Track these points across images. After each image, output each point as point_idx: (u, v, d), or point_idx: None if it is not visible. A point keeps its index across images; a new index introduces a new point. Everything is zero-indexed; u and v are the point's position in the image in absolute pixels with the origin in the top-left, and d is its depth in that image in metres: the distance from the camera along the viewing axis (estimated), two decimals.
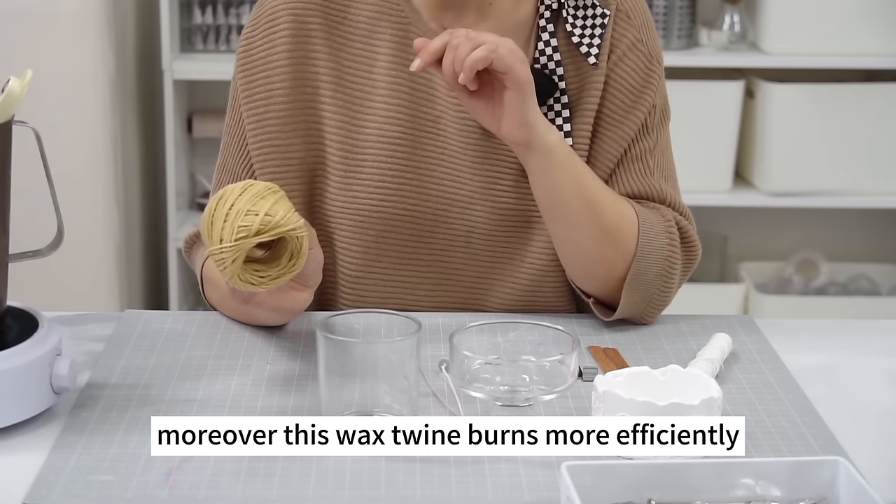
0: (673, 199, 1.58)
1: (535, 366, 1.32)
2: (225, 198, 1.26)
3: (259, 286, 1.28)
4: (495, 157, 1.54)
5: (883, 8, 3.08)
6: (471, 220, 1.55)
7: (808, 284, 3.39)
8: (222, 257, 1.24)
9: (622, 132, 1.56)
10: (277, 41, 1.53)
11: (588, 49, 1.54)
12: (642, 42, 1.57)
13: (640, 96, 1.56)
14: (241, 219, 1.24)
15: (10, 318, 1.30)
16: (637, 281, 1.50)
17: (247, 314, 1.50)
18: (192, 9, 3.28)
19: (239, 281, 1.27)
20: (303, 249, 1.28)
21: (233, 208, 1.25)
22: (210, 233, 1.26)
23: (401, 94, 1.54)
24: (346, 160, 1.54)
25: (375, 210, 1.54)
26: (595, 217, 1.49)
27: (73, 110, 2.96)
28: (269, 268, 1.28)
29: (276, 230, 1.25)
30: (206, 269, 1.56)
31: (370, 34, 1.55)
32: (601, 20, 1.54)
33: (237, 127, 1.58)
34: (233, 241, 1.24)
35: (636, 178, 1.57)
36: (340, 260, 1.57)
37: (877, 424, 1.33)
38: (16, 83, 1.22)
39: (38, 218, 1.59)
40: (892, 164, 3.18)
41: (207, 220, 1.26)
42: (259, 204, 1.25)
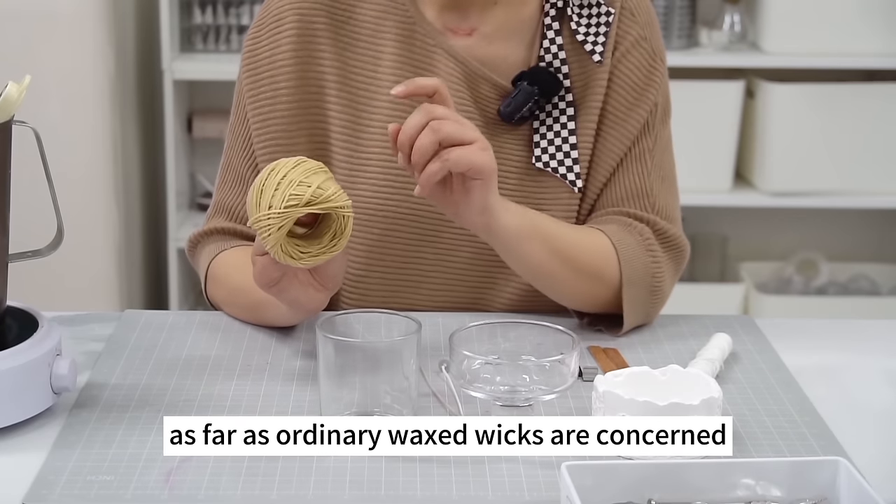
0: (661, 202, 1.57)
1: (535, 366, 1.32)
2: (277, 169, 1.28)
3: (298, 261, 1.29)
4: (500, 155, 1.54)
5: (883, 8, 3.08)
6: None
7: (808, 284, 3.39)
8: (269, 223, 1.26)
9: (625, 130, 1.56)
10: (283, 41, 1.54)
11: (593, 47, 1.54)
12: (646, 39, 1.57)
13: (642, 94, 1.56)
14: (293, 188, 1.26)
15: (10, 318, 1.30)
16: (631, 303, 1.50)
17: (253, 313, 1.50)
18: (192, 9, 3.28)
19: (280, 251, 1.28)
20: (346, 230, 1.29)
21: (285, 178, 1.27)
22: (258, 201, 1.27)
23: None
24: (351, 159, 1.54)
25: (380, 209, 1.54)
26: (571, 266, 1.49)
27: (73, 110, 2.96)
28: (311, 245, 1.30)
29: (326, 204, 1.27)
30: (212, 267, 1.56)
31: (375, 33, 1.55)
32: (606, 18, 1.55)
33: (242, 126, 1.58)
34: (282, 209, 1.25)
35: (632, 178, 1.57)
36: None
37: (877, 424, 1.33)
38: (13, 87, 1.22)
39: (38, 218, 1.59)
40: (892, 164, 3.18)
41: (257, 188, 1.28)
42: (311, 178, 1.27)
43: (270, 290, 1.35)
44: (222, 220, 1.60)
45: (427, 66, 1.54)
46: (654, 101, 1.57)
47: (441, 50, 1.54)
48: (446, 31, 1.55)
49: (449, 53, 1.54)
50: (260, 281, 1.34)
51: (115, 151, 3.03)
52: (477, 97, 1.55)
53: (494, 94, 1.55)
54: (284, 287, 1.35)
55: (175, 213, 3.21)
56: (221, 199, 1.61)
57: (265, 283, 1.34)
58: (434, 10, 1.55)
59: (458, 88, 1.54)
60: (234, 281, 1.51)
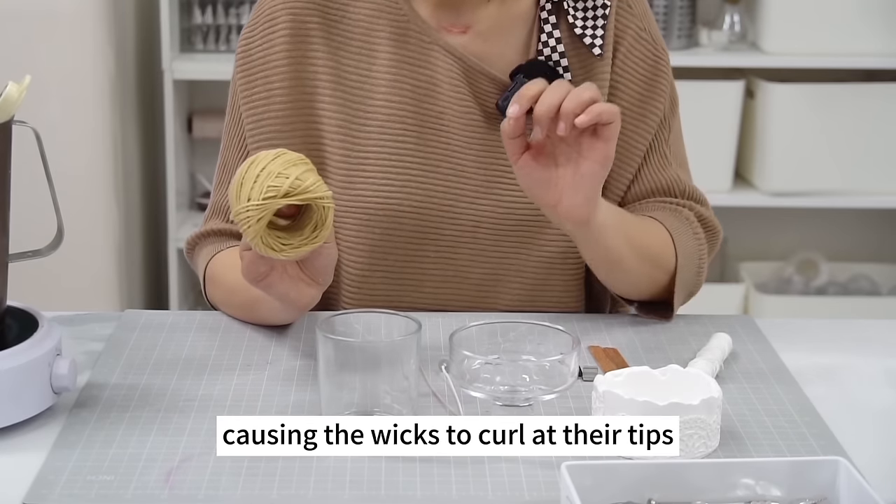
0: (689, 187, 1.61)
1: (535, 366, 1.32)
2: (257, 161, 1.28)
3: (279, 253, 1.29)
4: (500, 150, 1.54)
5: (883, 8, 3.08)
6: (477, 215, 1.55)
7: (808, 284, 3.39)
8: (248, 216, 1.26)
9: (645, 126, 1.58)
10: (276, 41, 1.54)
11: (592, 40, 1.54)
12: (645, 31, 1.58)
13: (653, 87, 1.57)
14: (271, 179, 1.26)
15: (10, 318, 1.30)
16: (681, 285, 1.54)
17: (250, 312, 1.50)
18: (192, 9, 3.28)
19: (261, 244, 1.28)
20: (327, 221, 1.29)
21: (264, 170, 1.27)
22: (238, 193, 1.27)
23: (402, 92, 1.54)
24: (349, 159, 1.54)
25: (381, 208, 1.54)
26: (643, 257, 1.51)
27: (73, 110, 2.96)
28: (292, 237, 1.30)
29: (304, 195, 1.27)
30: (209, 268, 1.56)
31: (369, 32, 1.55)
32: (602, 11, 1.55)
33: (237, 127, 1.58)
34: (261, 200, 1.25)
35: (656, 173, 1.59)
36: (345, 259, 1.57)
37: (877, 424, 1.33)
38: (13, 88, 1.22)
39: (38, 218, 1.59)
40: (892, 164, 3.18)
41: (237, 181, 1.28)
42: (290, 169, 1.27)
43: (259, 285, 1.34)
44: (219, 221, 1.60)
45: (424, 64, 1.54)
46: (665, 92, 1.58)
47: (438, 46, 1.54)
48: (440, 29, 1.55)
49: (446, 50, 1.54)
50: (248, 276, 1.34)
51: (115, 151, 3.03)
52: (476, 92, 1.55)
53: (493, 89, 1.55)
54: (273, 282, 1.34)
55: (175, 213, 3.21)
56: (218, 201, 1.61)
57: (253, 277, 1.33)
58: (428, 8, 1.55)
59: (457, 84, 1.54)
60: (230, 280, 1.51)
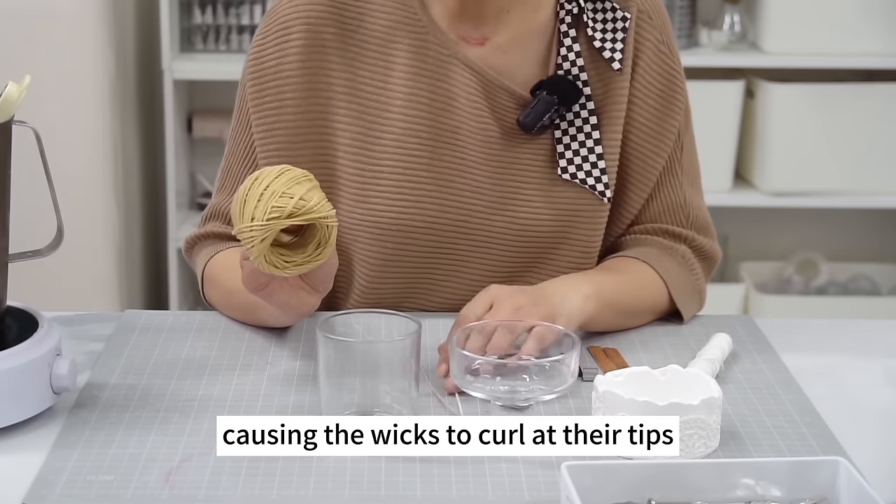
0: (693, 213, 1.61)
1: (535, 366, 1.32)
2: (261, 178, 1.27)
3: (282, 270, 1.28)
4: (516, 167, 1.53)
5: (883, 8, 3.08)
6: (491, 231, 1.53)
7: (808, 284, 3.39)
8: (252, 235, 1.25)
9: (662, 146, 1.57)
10: (290, 50, 1.51)
11: (611, 54, 1.52)
12: (664, 44, 1.56)
13: (670, 103, 1.56)
14: (275, 199, 1.25)
15: (9, 318, 1.30)
16: (684, 311, 1.55)
17: (249, 314, 1.49)
18: (192, 9, 3.28)
19: (264, 262, 1.27)
20: (331, 239, 1.28)
21: (268, 189, 1.25)
22: (242, 211, 1.26)
23: (419, 105, 1.51)
24: (363, 172, 1.52)
25: (394, 222, 1.52)
26: (638, 312, 1.52)
27: (73, 110, 2.96)
28: (296, 254, 1.29)
29: (308, 215, 1.26)
30: (207, 269, 1.55)
31: (386, 44, 1.52)
32: (622, 24, 1.53)
33: (244, 133, 1.56)
34: (265, 221, 1.24)
35: (667, 195, 1.59)
36: (357, 270, 1.55)
37: (877, 424, 1.33)
38: (13, 88, 1.22)
39: (38, 218, 1.59)
40: (892, 164, 3.18)
41: (241, 198, 1.27)
42: (294, 188, 1.26)
43: (259, 294, 1.33)
44: (218, 224, 1.59)
45: (442, 77, 1.52)
46: (681, 109, 1.57)
47: (456, 60, 1.51)
48: (459, 40, 1.53)
49: (464, 64, 1.51)
50: (248, 285, 1.33)
51: (115, 151, 3.03)
52: (494, 107, 1.53)
53: (512, 104, 1.53)
54: (273, 291, 1.33)
55: (175, 213, 3.21)
56: (218, 204, 1.60)
57: (253, 287, 1.33)
58: (447, 18, 1.53)
59: (475, 99, 1.52)
60: (229, 283, 1.50)
